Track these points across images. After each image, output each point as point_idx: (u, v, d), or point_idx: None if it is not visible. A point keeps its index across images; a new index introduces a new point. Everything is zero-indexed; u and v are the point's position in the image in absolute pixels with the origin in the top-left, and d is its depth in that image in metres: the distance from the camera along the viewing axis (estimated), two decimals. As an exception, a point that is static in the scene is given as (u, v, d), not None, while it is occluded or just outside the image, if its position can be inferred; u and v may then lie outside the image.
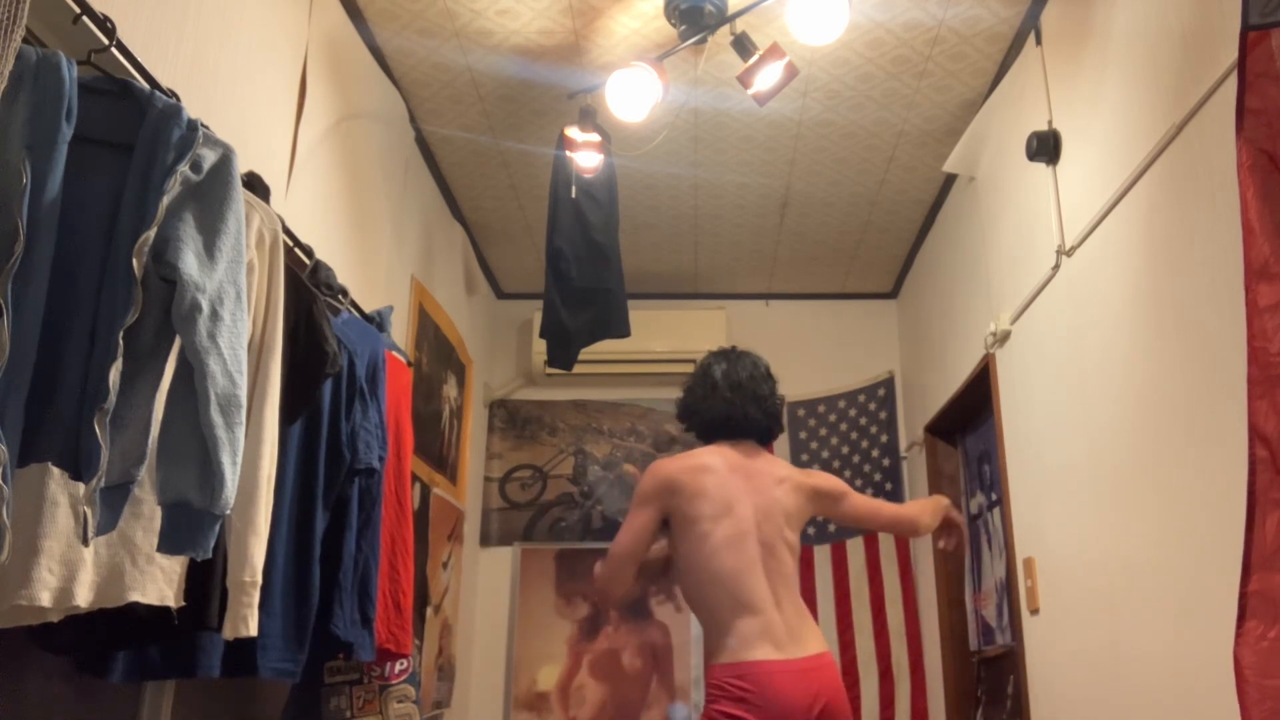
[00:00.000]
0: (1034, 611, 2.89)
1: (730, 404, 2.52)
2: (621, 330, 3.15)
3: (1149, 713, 2.15)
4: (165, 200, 1.39)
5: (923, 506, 2.69)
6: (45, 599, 1.33)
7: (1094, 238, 2.44)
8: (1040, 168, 2.77)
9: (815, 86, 3.19)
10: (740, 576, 2.29)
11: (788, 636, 2.25)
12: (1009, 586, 3.18)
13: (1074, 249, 2.56)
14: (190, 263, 1.40)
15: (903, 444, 4.55)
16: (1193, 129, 1.96)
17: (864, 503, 2.64)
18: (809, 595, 4.37)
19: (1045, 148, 2.69)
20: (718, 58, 2.99)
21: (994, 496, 3.49)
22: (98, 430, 1.28)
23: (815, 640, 2.31)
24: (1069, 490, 2.62)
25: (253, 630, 1.59)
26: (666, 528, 2.43)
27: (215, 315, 1.41)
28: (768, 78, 2.74)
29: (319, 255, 2.32)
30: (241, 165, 1.57)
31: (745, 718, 2.15)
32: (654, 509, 2.38)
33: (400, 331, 3.26)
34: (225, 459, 1.38)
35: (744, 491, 2.40)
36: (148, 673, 1.75)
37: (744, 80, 2.76)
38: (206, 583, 1.62)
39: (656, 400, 4.67)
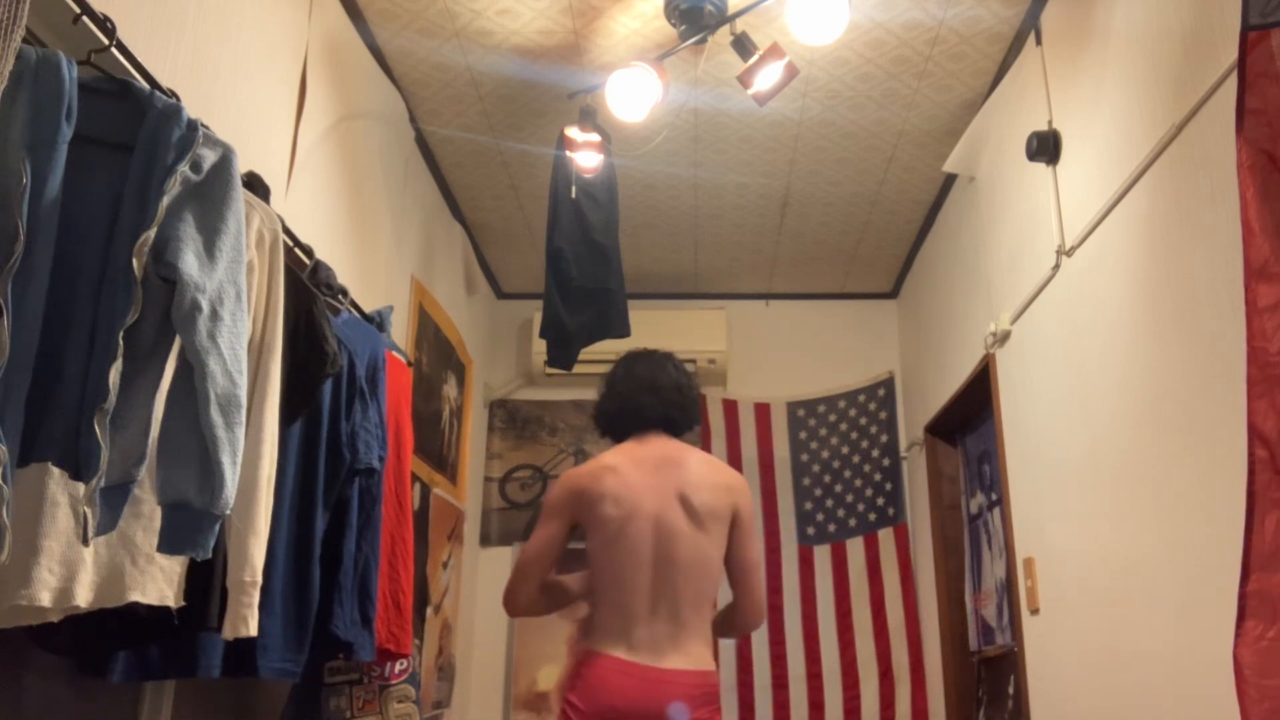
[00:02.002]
0: (1034, 611, 2.89)
1: (624, 397, 2.47)
2: (621, 330, 3.15)
3: (1149, 713, 2.15)
4: (165, 200, 1.39)
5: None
6: (45, 599, 1.33)
7: (1094, 238, 2.44)
8: (1040, 168, 2.77)
9: (815, 86, 3.19)
10: (620, 582, 2.24)
11: (648, 645, 2.20)
12: (1009, 586, 3.18)
13: (1074, 249, 2.56)
14: (190, 263, 1.40)
15: (903, 444, 4.55)
16: (1193, 129, 1.96)
17: (754, 553, 2.41)
18: (809, 595, 4.37)
19: (1045, 148, 2.69)
20: (718, 58, 3.00)
21: (994, 496, 3.49)
22: (98, 430, 1.28)
23: (676, 656, 2.21)
24: (1069, 490, 2.62)
25: (253, 630, 1.59)
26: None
27: (215, 315, 1.41)
28: (768, 78, 2.74)
29: (319, 255, 2.32)
30: (241, 165, 1.57)
31: (577, 705, 2.15)
32: (560, 520, 2.33)
33: (400, 331, 3.26)
34: (225, 459, 1.38)
35: (646, 487, 2.31)
36: (148, 673, 1.75)
37: (744, 80, 2.76)
38: (206, 583, 1.62)
39: (656, 400, 4.66)
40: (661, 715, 2.14)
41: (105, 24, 1.54)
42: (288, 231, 2.05)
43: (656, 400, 2.45)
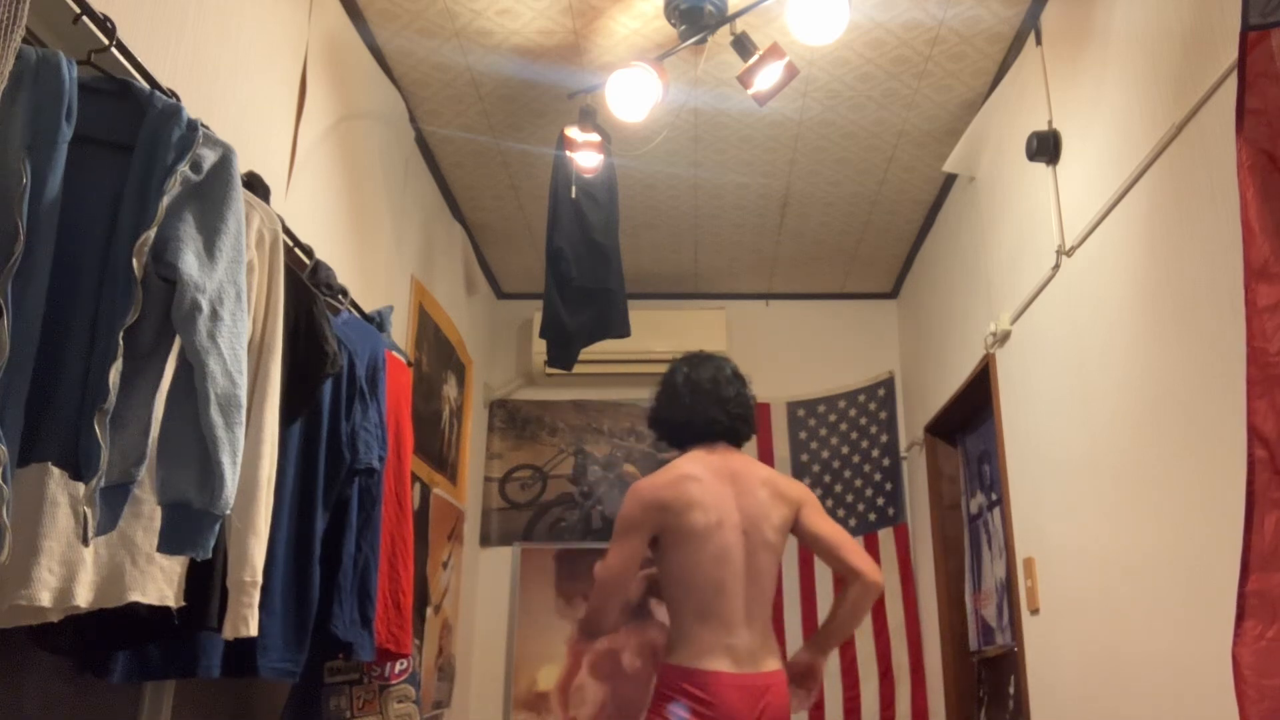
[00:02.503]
0: (1034, 611, 2.89)
1: (692, 409, 2.48)
2: (621, 330, 3.15)
3: (1149, 713, 2.15)
4: (165, 200, 1.39)
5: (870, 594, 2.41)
6: (45, 599, 1.33)
7: (1094, 238, 2.44)
8: (1040, 168, 2.77)
9: (815, 86, 3.19)
10: (720, 590, 2.29)
11: (747, 654, 2.27)
12: (1009, 586, 3.18)
13: (1074, 249, 2.56)
14: (190, 263, 1.40)
15: (903, 444, 4.55)
16: (1193, 129, 1.96)
17: (832, 528, 2.45)
18: (809, 595, 4.38)
19: (1045, 148, 2.69)
20: (718, 58, 3.00)
21: (994, 496, 3.49)
22: (98, 430, 1.28)
23: (771, 660, 2.31)
24: (1069, 490, 2.62)
25: (253, 630, 1.59)
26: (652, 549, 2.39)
27: (215, 315, 1.41)
28: (768, 78, 2.74)
29: (319, 255, 2.32)
30: (241, 165, 1.57)
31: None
32: (642, 534, 2.32)
33: (400, 331, 3.27)
34: (225, 459, 1.38)
35: (730, 497, 2.37)
36: (148, 673, 1.75)
37: (744, 80, 2.76)
38: (206, 583, 1.62)
39: (656, 400, 4.67)
40: (767, 717, 2.22)
41: (105, 24, 1.54)
42: (288, 231, 2.05)
43: (723, 414, 2.48)
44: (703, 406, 2.48)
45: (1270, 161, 1.43)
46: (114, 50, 1.58)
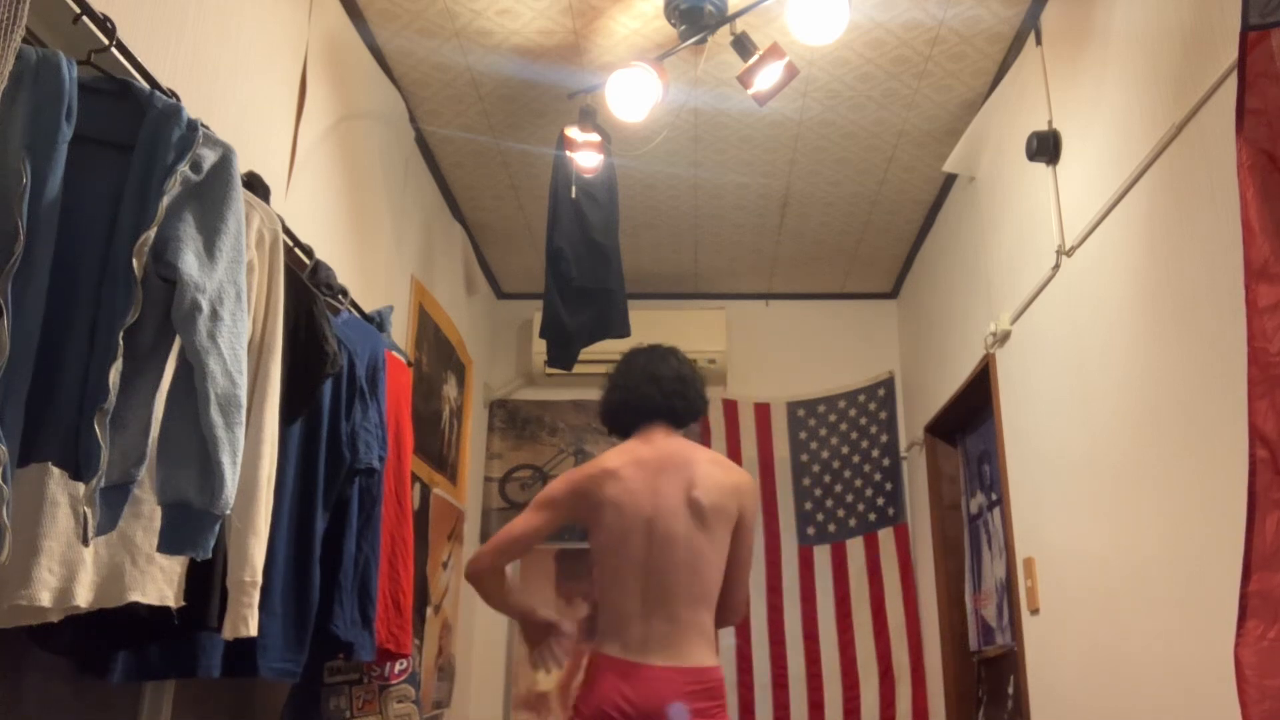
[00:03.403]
0: (1034, 611, 2.89)
1: (624, 389, 2.47)
2: (621, 330, 3.15)
3: (1149, 713, 2.15)
4: (165, 200, 1.39)
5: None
6: (45, 599, 1.33)
7: (1094, 238, 2.44)
8: (1040, 168, 2.77)
9: (815, 86, 3.19)
10: (618, 581, 2.27)
11: (640, 644, 2.21)
12: (1009, 586, 3.18)
13: (1074, 249, 2.56)
14: (190, 263, 1.40)
15: (903, 444, 4.54)
16: (1193, 129, 1.96)
17: (748, 552, 2.40)
18: (809, 595, 4.37)
19: (1045, 148, 2.69)
20: (718, 58, 2.99)
21: (994, 496, 3.49)
22: (98, 430, 1.28)
23: (674, 655, 2.21)
24: (1069, 490, 2.62)
25: (253, 630, 1.59)
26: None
27: (215, 315, 1.41)
28: (768, 78, 2.74)
29: (319, 255, 2.32)
30: (241, 165, 1.57)
31: (580, 708, 2.19)
32: (553, 513, 2.34)
33: (400, 331, 3.26)
34: (225, 459, 1.38)
35: (648, 490, 2.32)
36: (148, 673, 1.75)
37: (744, 80, 2.75)
38: (206, 583, 1.62)
39: (656, 400, 4.67)
40: (657, 714, 2.14)
41: (105, 24, 1.54)
42: (288, 231, 2.05)
43: (657, 390, 2.44)
44: (636, 387, 2.45)
45: (1270, 161, 1.43)
46: (114, 50, 1.58)
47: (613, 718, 2.13)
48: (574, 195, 3.06)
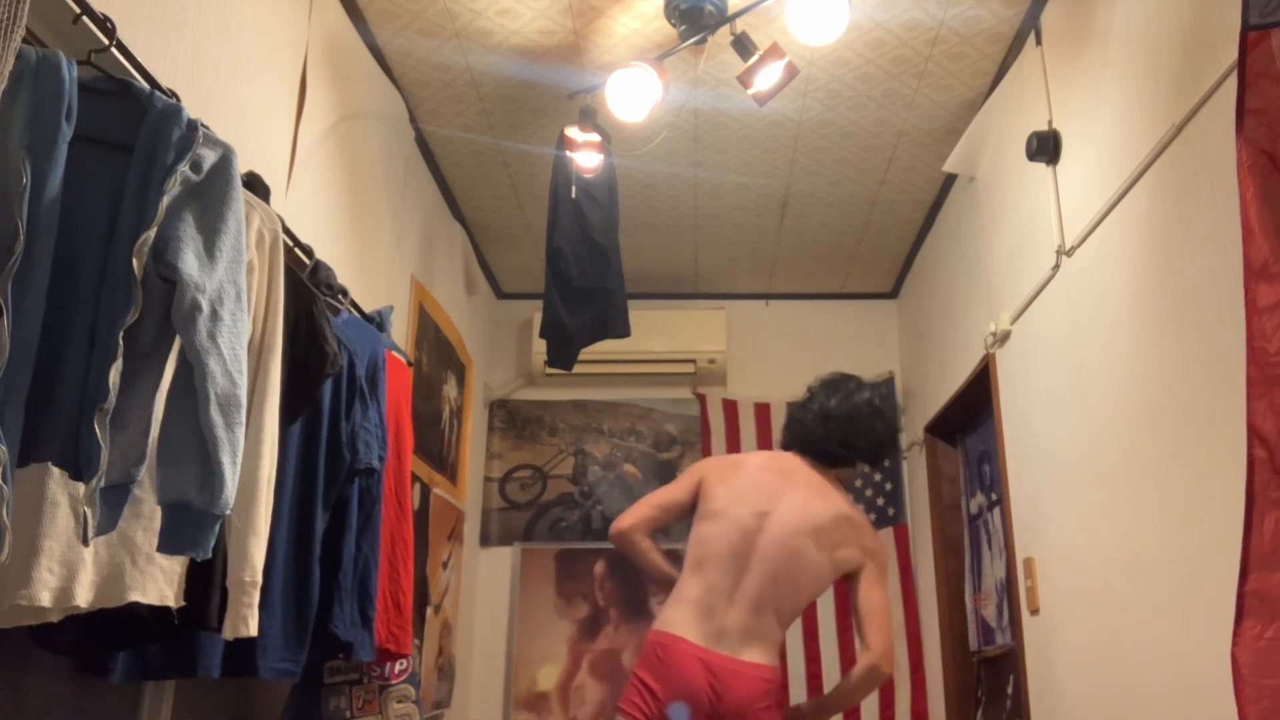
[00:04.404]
0: (1034, 611, 2.89)
1: (798, 421, 2.58)
2: (621, 330, 3.15)
3: (1149, 713, 2.15)
4: (165, 200, 1.39)
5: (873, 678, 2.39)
6: (45, 599, 1.33)
7: (1094, 238, 2.44)
8: (1040, 168, 2.77)
9: (815, 86, 3.19)
10: (715, 563, 2.32)
11: (719, 633, 2.27)
12: (1009, 586, 3.18)
13: (1074, 249, 2.56)
14: (190, 263, 1.40)
15: (903, 444, 4.54)
16: (1193, 129, 1.96)
17: (875, 597, 2.38)
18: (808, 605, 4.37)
19: (1045, 148, 2.69)
20: (718, 58, 3.00)
21: (994, 496, 3.49)
22: (98, 430, 1.28)
23: (750, 652, 2.28)
24: (1069, 490, 2.62)
25: (253, 630, 1.59)
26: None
27: (215, 315, 1.41)
28: (768, 78, 2.74)
29: (319, 255, 2.32)
30: (241, 165, 1.57)
31: (648, 683, 2.23)
32: (686, 484, 2.49)
33: (400, 331, 3.27)
34: (225, 459, 1.38)
35: (769, 491, 2.41)
36: (148, 673, 1.75)
37: (744, 80, 2.76)
38: (206, 583, 1.62)
39: (656, 400, 4.67)
40: (722, 702, 2.21)
41: (105, 24, 1.54)
42: (288, 231, 2.05)
43: (822, 430, 2.54)
44: (806, 415, 2.56)
45: (1270, 161, 1.43)
46: (114, 50, 1.58)
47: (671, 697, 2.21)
48: (574, 195, 3.06)
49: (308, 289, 1.97)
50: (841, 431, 2.53)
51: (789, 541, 2.34)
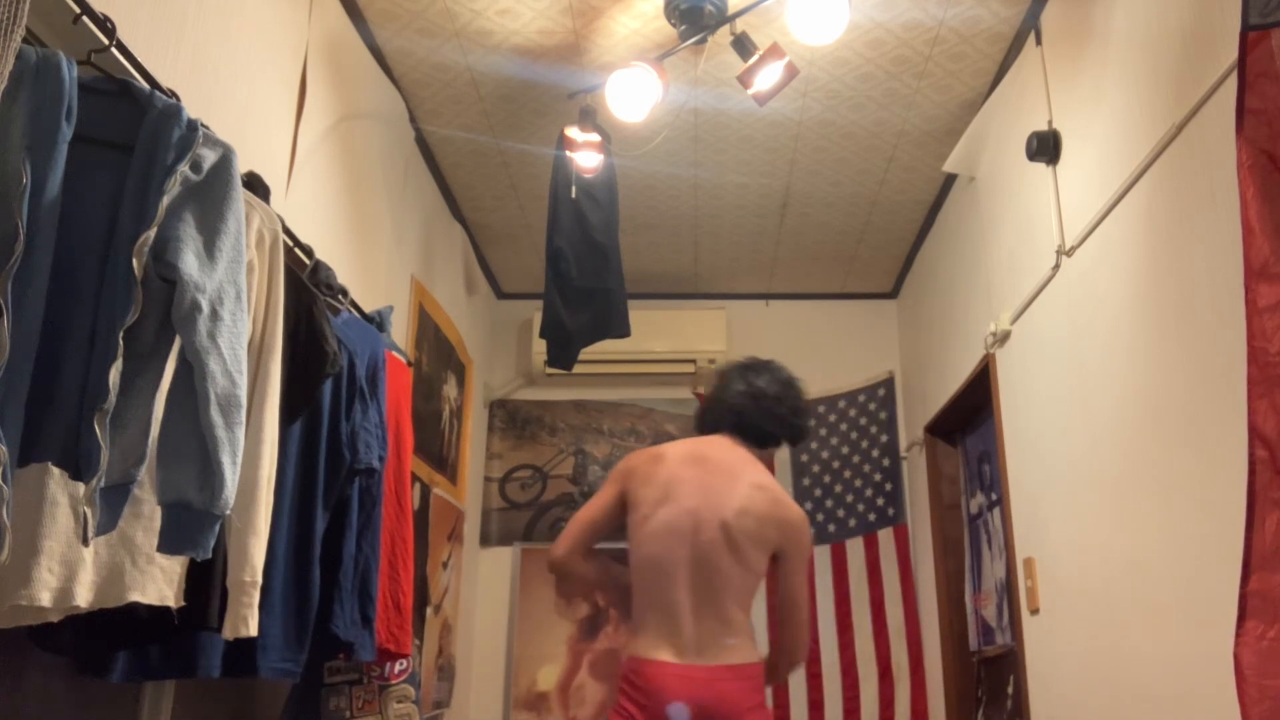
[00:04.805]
0: (1034, 611, 2.89)
1: (723, 403, 2.47)
2: (621, 330, 3.15)
3: (1149, 713, 2.15)
4: (165, 200, 1.39)
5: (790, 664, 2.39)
6: (45, 599, 1.33)
7: (1094, 238, 2.44)
8: (1040, 168, 2.77)
9: (815, 86, 3.19)
10: (660, 572, 2.25)
11: (694, 646, 2.20)
12: (1009, 586, 3.18)
13: (1074, 249, 2.56)
14: (190, 263, 1.40)
15: (903, 444, 4.54)
16: (1193, 129, 1.96)
17: (796, 590, 2.35)
18: (809, 595, 4.37)
19: (1045, 148, 2.69)
20: (718, 58, 2.99)
21: (994, 496, 3.49)
22: (98, 430, 1.28)
23: (726, 654, 2.22)
24: (1069, 490, 2.62)
25: (253, 630, 1.59)
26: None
27: (215, 315, 1.41)
28: (768, 78, 2.74)
29: (319, 255, 2.32)
30: (241, 165, 1.57)
31: (635, 715, 2.16)
32: (613, 488, 2.39)
33: (400, 331, 3.26)
34: (225, 459, 1.38)
35: (693, 484, 2.30)
36: (148, 673, 1.75)
37: (744, 80, 2.75)
38: (206, 583, 1.62)
39: (656, 400, 4.67)
40: (708, 712, 2.16)
41: (105, 24, 1.54)
42: (288, 231, 2.05)
43: (754, 407, 2.45)
44: (732, 395, 2.46)
45: (1270, 161, 1.43)
46: (114, 50, 1.58)
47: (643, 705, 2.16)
48: (574, 195, 3.06)
49: (308, 289, 1.96)
50: (774, 409, 2.46)
51: (725, 532, 2.26)
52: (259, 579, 1.62)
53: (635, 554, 2.31)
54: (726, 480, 2.32)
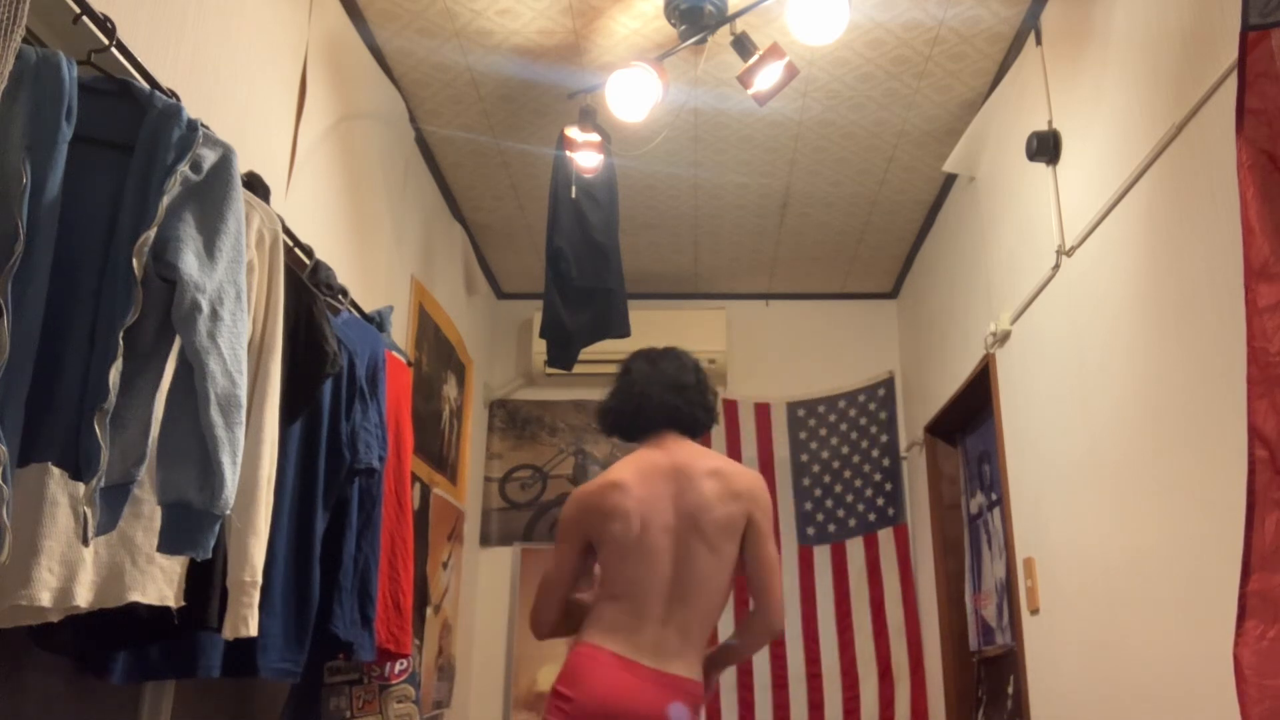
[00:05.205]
0: (1034, 611, 2.89)
1: (644, 396, 2.37)
2: (622, 330, 3.15)
3: (1149, 712, 2.15)
4: (165, 200, 1.39)
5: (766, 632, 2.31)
6: (45, 599, 1.33)
7: (1094, 238, 2.44)
8: (1040, 168, 2.77)
9: (815, 86, 3.19)
10: (639, 588, 2.19)
11: (652, 648, 2.15)
12: (1009, 586, 3.18)
13: (1074, 249, 2.56)
14: (190, 263, 1.40)
15: (903, 444, 4.54)
16: (1193, 129, 1.96)
17: (770, 554, 2.29)
18: (808, 595, 4.37)
19: (1045, 148, 2.69)
20: (718, 58, 2.99)
21: (994, 496, 3.49)
22: (98, 430, 1.28)
23: (683, 665, 2.18)
24: (1069, 490, 2.62)
25: (253, 630, 1.59)
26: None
27: (215, 315, 1.41)
28: (768, 78, 2.74)
29: (319, 255, 2.32)
30: (241, 165, 1.57)
31: (569, 696, 2.09)
32: (572, 541, 2.28)
33: (400, 331, 3.26)
34: (225, 459, 1.38)
35: (664, 498, 2.24)
36: (148, 673, 1.75)
37: (744, 80, 2.75)
38: (206, 583, 1.62)
39: (656, 400, 4.67)
40: (658, 716, 2.11)
41: (105, 24, 1.54)
42: (288, 231, 2.05)
43: (680, 398, 2.37)
44: (657, 392, 2.36)
45: (1270, 161, 1.43)
46: (114, 50, 1.58)
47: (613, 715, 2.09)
48: (574, 195, 3.06)
49: (308, 289, 1.96)
50: (700, 398, 2.41)
51: (703, 536, 2.22)
52: (259, 579, 1.62)
53: (615, 574, 2.22)
54: (688, 483, 2.27)
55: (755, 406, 4.62)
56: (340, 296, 2.36)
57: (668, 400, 2.37)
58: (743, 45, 2.74)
